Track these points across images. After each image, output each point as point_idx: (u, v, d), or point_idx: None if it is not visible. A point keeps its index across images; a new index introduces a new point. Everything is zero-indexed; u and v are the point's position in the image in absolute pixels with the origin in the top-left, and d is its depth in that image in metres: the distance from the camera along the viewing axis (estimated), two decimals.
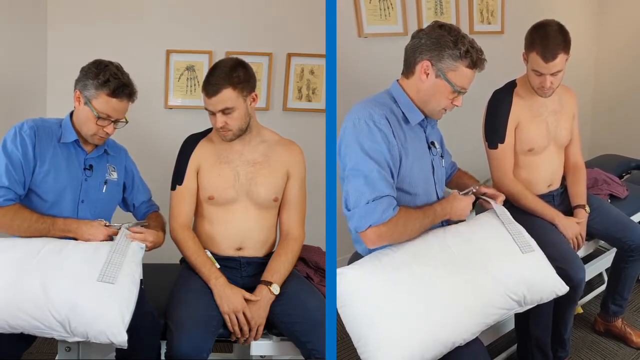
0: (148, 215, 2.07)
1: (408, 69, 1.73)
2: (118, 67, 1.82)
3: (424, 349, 1.50)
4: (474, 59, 1.66)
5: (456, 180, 2.11)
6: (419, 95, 1.72)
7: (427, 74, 1.68)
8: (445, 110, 1.74)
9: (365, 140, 1.61)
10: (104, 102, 1.78)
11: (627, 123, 3.73)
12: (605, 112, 3.88)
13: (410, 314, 1.53)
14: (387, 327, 1.52)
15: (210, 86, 1.83)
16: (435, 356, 1.53)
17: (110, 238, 1.78)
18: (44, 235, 1.74)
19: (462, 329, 1.56)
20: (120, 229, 1.80)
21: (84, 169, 1.88)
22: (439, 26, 1.69)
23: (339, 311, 1.62)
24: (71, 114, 1.88)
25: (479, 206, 1.96)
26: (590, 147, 3.72)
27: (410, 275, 1.59)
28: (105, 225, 1.81)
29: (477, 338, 1.62)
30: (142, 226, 1.88)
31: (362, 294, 1.58)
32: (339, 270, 1.62)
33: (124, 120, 1.87)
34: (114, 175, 1.97)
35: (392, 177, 1.64)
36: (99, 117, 1.79)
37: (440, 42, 1.65)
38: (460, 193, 1.84)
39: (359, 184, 1.59)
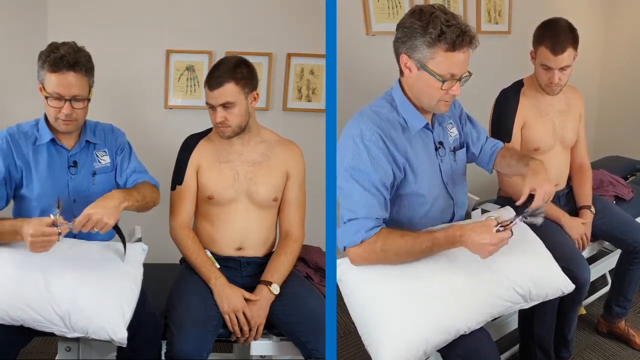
0: (135, 186, 1.86)
1: (399, 67, 1.63)
2: (64, 43, 1.71)
3: (428, 335, 1.50)
4: (451, 39, 1.48)
5: (499, 162, 1.89)
6: (411, 92, 1.64)
7: (410, 69, 1.58)
8: (448, 101, 1.61)
9: (351, 160, 1.58)
10: (49, 80, 1.68)
11: (632, 119, 3.71)
12: (610, 107, 3.86)
13: (414, 301, 1.53)
14: (391, 313, 1.52)
15: (214, 79, 1.85)
16: (439, 342, 1.52)
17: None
18: None
19: (466, 317, 1.55)
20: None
21: (69, 166, 1.80)
22: (410, 14, 1.55)
23: (345, 299, 1.62)
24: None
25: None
26: (594, 142, 3.71)
27: (415, 264, 1.59)
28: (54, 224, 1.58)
29: (482, 327, 1.59)
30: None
31: (367, 281, 1.59)
32: (342, 260, 1.61)
33: (83, 97, 1.72)
34: (106, 161, 1.86)
35: (382, 194, 1.58)
36: (47, 97, 1.69)
37: (412, 31, 1.52)
38: (497, 225, 1.52)
39: (341, 203, 1.60)
